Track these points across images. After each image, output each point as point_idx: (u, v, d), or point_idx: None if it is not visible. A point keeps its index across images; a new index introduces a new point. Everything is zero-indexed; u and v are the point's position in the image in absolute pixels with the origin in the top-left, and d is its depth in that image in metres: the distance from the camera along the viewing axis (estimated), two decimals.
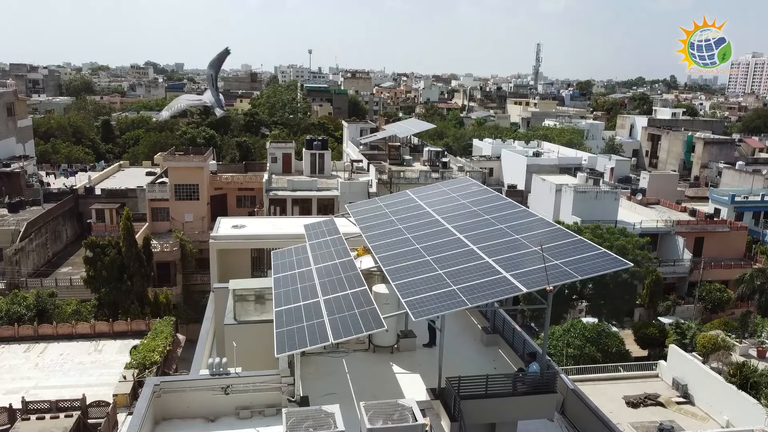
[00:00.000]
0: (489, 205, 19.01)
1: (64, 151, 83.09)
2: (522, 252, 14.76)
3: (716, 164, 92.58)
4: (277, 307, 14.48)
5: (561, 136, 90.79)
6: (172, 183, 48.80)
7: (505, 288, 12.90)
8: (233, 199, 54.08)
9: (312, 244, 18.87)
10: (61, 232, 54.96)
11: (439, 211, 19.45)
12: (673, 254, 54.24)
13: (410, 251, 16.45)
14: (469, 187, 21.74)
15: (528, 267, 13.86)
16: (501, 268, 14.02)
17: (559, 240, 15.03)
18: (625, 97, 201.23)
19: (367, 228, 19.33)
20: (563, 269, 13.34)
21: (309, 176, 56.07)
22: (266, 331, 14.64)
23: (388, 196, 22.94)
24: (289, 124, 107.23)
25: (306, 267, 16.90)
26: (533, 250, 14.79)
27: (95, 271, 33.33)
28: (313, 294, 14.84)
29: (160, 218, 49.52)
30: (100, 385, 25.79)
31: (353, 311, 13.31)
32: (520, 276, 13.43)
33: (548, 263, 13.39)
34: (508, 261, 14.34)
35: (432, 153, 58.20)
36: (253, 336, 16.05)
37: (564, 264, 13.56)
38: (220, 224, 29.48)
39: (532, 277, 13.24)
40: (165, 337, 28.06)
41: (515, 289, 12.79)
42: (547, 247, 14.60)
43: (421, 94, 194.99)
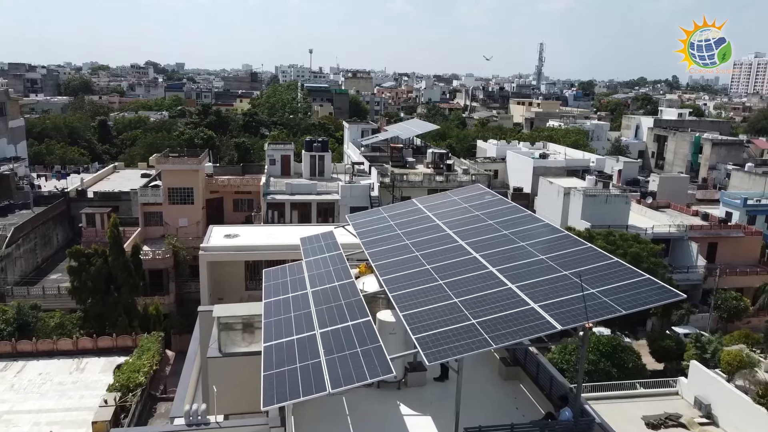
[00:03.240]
0: (506, 218, 17.01)
1: (59, 152, 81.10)
2: (551, 276, 12.76)
3: (724, 166, 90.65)
4: (267, 341, 12.49)
5: (566, 137, 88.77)
6: (166, 186, 46.80)
7: (536, 324, 10.89)
8: (230, 202, 52.09)
9: (309, 262, 16.88)
10: (52, 236, 53.00)
11: (450, 224, 17.45)
12: (686, 260, 52.21)
13: (419, 272, 14.47)
14: (483, 197, 19.75)
15: (560, 296, 11.86)
16: (527, 297, 12.02)
17: (594, 262, 13.03)
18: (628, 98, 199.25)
19: (370, 243, 17.34)
20: (602, 300, 11.34)
21: (308, 179, 54.10)
22: (255, 364, 12.69)
23: (393, 206, 20.95)
24: (289, 125, 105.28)
25: (301, 290, 14.91)
26: (563, 274, 12.80)
27: (80, 281, 31.34)
28: (309, 325, 12.85)
29: (153, 223, 47.52)
30: (79, 409, 23.81)
31: (355, 350, 11.32)
32: (551, 308, 11.43)
33: (585, 294, 11.40)
34: (536, 288, 12.34)
35: (436, 155, 56.22)
36: (240, 370, 14.09)
37: (603, 293, 11.56)
38: (211, 234, 27.54)
39: (566, 310, 11.23)
40: (152, 355, 26.05)
41: (547, 326, 10.79)
42: (580, 270, 12.61)
43: (422, 94, 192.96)
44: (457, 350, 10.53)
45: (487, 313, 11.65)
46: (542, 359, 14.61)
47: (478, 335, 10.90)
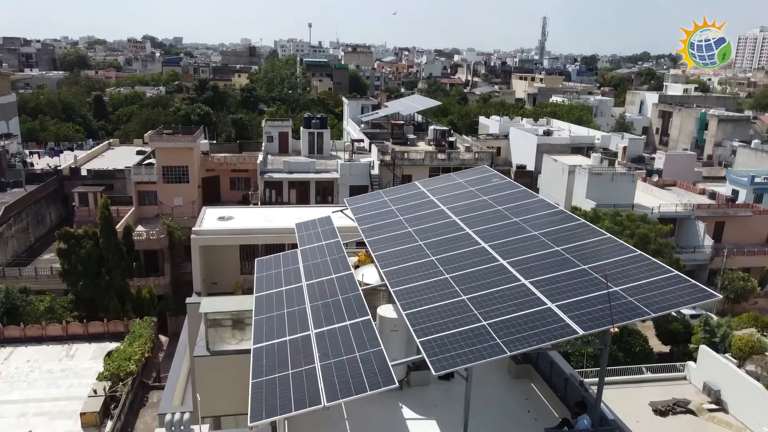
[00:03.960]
0: (516, 204, 15.84)
1: (53, 128, 79.54)
2: (568, 271, 11.63)
3: (730, 143, 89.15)
4: (257, 342, 11.42)
5: (570, 114, 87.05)
6: (160, 165, 45.54)
7: (554, 328, 9.80)
8: (226, 181, 50.89)
9: (304, 251, 15.75)
10: (45, 215, 51.92)
11: (456, 210, 16.28)
12: (692, 240, 51.18)
13: (423, 264, 13.35)
14: (490, 179, 18.55)
15: (579, 294, 10.74)
16: (543, 294, 10.91)
17: (615, 255, 11.89)
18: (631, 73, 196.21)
19: (369, 230, 16.20)
20: (627, 300, 10.23)
21: (307, 157, 52.79)
22: (246, 363, 11.65)
23: (395, 189, 19.76)
24: (288, 100, 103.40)
25: (296, 283, 13.80)
26: (581, 268, 11.68)
27: (70, 264, 30.28)
28: (303, 324, 11.77)
29: (147, 202, 46.38)
30: (68, 399, 22.94)
31: (353, 355, 10.25)
32: (570, 308, 10.32)
33: (609, 291, 10.30)
34: (552, 284, 11.22)
35: (437, 132, 54.79)
36: (230, 369, 13.07)
37: (627, 292, 10.44)
38: (204, 216, 26.29)
39: (587, 312, 10.12)
40: (143, 342, 25.14)
41: (567, 330, 9.70)
42: (601, 265, 11.51)
43: (423, 69, 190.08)
44: (467, 358, 9.45)
45: (499, 314, 10.55)
46: (556, 357, 13.56)
47: (490, 340, 9.81)
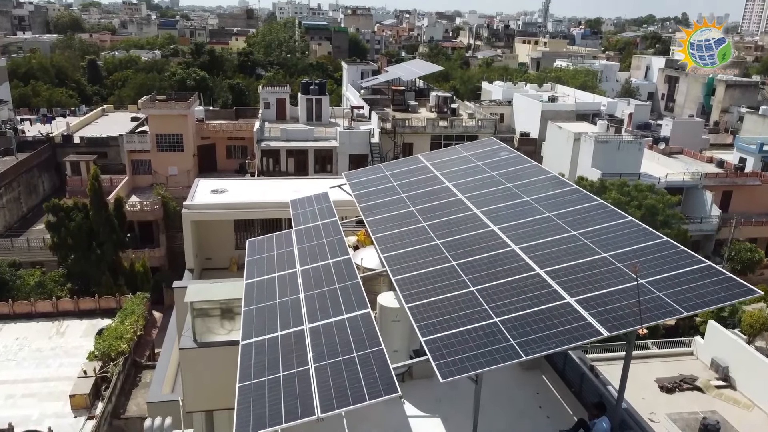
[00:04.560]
0: (527, 182, 14.72)
1: (45, 94, 77.68)
2: (588, 259, 10.58)
3: (738, 109, 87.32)
4: (246, 338, 10.43)
5: (575, 79, 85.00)
6: (153, 133, 44.17)
7: (574, 328, 8.78)
8: (222, 149, 49.53)
9: (299, 232, 14.69)
10: (37, 184, 50.74)
11: (463, 187, 15.16)
12: (699, 210, 50.10)
13: (428, 249, 12.30)
14: (497, 153, 17.37)
15: (601, 287, 9.71)
16: (561, 287, 9.88)
17: (639, 241, 10.82)
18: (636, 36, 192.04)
19: (369, 209, 15.11)
20: (655, 296, 9.20)
21: (305, 124, 51.38)
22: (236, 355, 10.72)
23: (396, 163, 18.59)
24: (286, 65, 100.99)
25: (290, 268, 12.77)
26: (602, 257, 10.62)
27: (59, 238, 29.28)
28: (297, 317, 10.76)
29: (141, 171, 45.15)
30: (58, 379, 22.21)
31: (351, 355, 9.27)
32: (592, 304, 9.30)
33: (635, 285, 9.26)
34: (570, 275, 10.18)
35: (440, 98, 53.22)
36: (219, 362, 12.12)
37: (656, 285, 9.41)
38: (196, 189, 25.20)
39: (611, 308, 9.11)
40: (136, 319, 24.30)
41: (590, 331, 8.69)
42: (624, 252, 10.46)
43: (424, 33, 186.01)
44: (478, 362, 8.46)
45: (513, 309, 9.54)
46: (571, 352, 12.62)
47: (503, 340, 8.81)
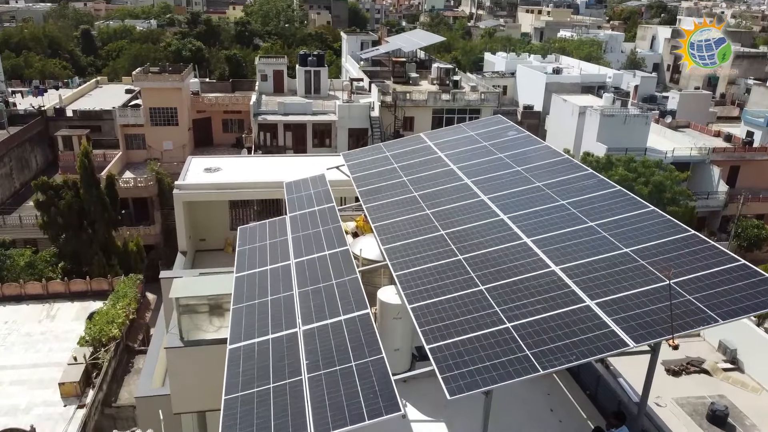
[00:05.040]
0: (538, 165, 13.74)
1: (38, 65, 75.95)
2: (608, 255, 9.67)
3: (745, 80, 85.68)
4: (234, 342, 9.57)
5: (579, 50, 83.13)
6: (147, 107, 42.93)
7: (597, 337, 7.90)
8: (218, 123, 48.30)
9: (294, 218, 13.75)
10: (30, 159, 49.60)
11: (468, 170, 14.18)
12: (706, 186, 49.11)
13: (431, 241, 11.39)
14: (505, 132, 16.34)
15: (624, 288, 8.82)
16: (579, 287, 8.99)
17: (663, 235, 9.91)
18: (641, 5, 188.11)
19: (369, 193, 14.16)
20: (685, 299, 8.31)
21: (303, 97, 50.03)
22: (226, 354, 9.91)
23: (398, 143, 17.56)
24: (284, 35, 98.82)
25: (283, 260, 11.87)
26: (623, 251, 9.71)
27: (49, 217, 28.37)
28: (290, 317, 9.89)
29: (135, 146, 44.04)
30: (47, 365, 21.47)
31: (349, 364, 8.41)
32: (613, 308, 8.41)
33: (664, 288, 8.38)
34: (589, 273, 9.28)
35: (441, 71, 51.74)
36: (207, 362, 11.31)
37: (685, 288, 8.51)
38: (189, 167, 24.22)
39: (637, 314, 8.22)
40: (128, 302, 23.49)
41: (614, 341, 7.81)
42: (647, 248, 9.54)
43: (425, 1, 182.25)
44: (490, 376, 7.59)
45: (527, 312, 8.66)
46: None
47: (517, 350, 7.94)
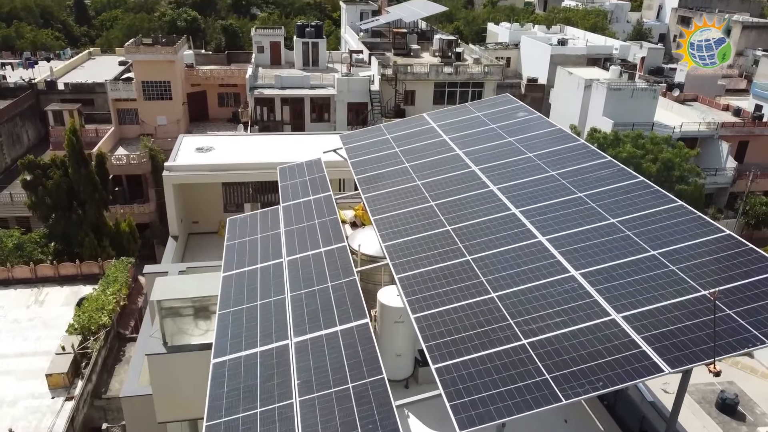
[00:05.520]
0: (551, 150, 12.69)
1: (29, 35, 74.02)
2: (633, 258, 8.70)
3: (753, 52, 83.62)
4: (218, 356, 8.64)
5: (585, 20, 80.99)
6: (139, 80, 41.53)
7: (626, 359, 6.96)
8: (214, 97, 46.92)
9: (287, 209, 12.75)
10: (21, 134, 48.36)
11: (476, 156, 13.14)
12: (714, 162, 47.89)
13: (437, 237, 10.42)
14: (514, 114, 15.24)
15: (655, 299, 7.86)
16: (603, 297, 8.03)
17: (695, 236, 8.92)
18: None
19: (368, 181, 13.14)
20: (727, 315, 7.36)
21: (301, 69, 48.52)
22: None
23: (400, 124, 16.45)
24: (282, 4, 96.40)
25: (275, 258, 10.90)
26: (650, 254, 8.74)
27: (37, 197, 27.37)
28: (281, 326, 8.96)
29: (128, 121, 42.75)
30: (35, 354, 20.71)
31: (345, 387, 7.50)
32: (644, 323, 7.46)
33: (698, 297, 7.42)
34: (614, 280, 8.32)
35: (444, 42, 50.12)
36: (193, 368, 10.43)
37: (725, 300, 7.55)
38: (180, 146, 23.15)
39: (669, 331, 7.27)
40: (119, 287, 22.64)
41: (647, 365, 6.88)
42: (678, 249, 8.58)
43: None
44: (505, 406, 6.66)
45: (545, 327, 7.71)
46: None
47: (535, 373, 7.01)
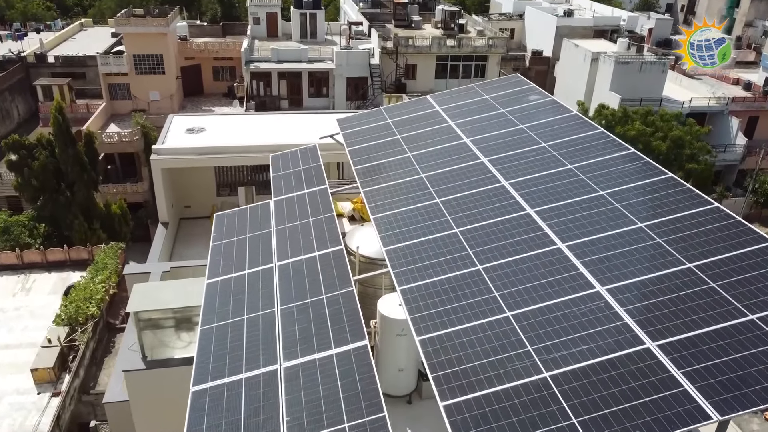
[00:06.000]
0: (568, 140, 11.59)
1: (20, 5, 71.92)
2: (669, 272, 7.69)
3: (762, 22, 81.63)
4: (198, 383, 7.69)
5: None
6: (130, 53, 40.03)
7: (665, 400, 6.01)
8: (209, 71, 45.41)
9: (279, 204, 11.70)
10: (11, 109, 46.98)
11: (485, 145, 12.04)
12: (724, 138, 46.67)
13: (443, 241, 9.41)
14: (526, 97, 14.09)
15: (695, 324, 6.87)
16: (634, 320, 7.05)
17: (734, 247, 7.90)
18: None
19: (368, 173, 12.08)
20: None
21: (299, 42, 46.97)
22: None
23: (401, 107, 15.29)
24: None
25: (265, 263, 9.89)
26: (686, 267, 7.72)
27: (23, 179, 26.29)
28: (269, 347, 7.99)
29: (120, 97, 41.36)
30: (21, 346, 19.86)
31: (341, 427, 6.55)
32: (685, 355, 6.49)
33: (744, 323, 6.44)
34: (646, 297, 7.32)
35: (446, 13, 48.47)
36: (176, 384, 9.50)
37: None
38: (170, 127, 21.97)
39: (714, 366, 6.30)
40: (108, 275, 21.69)
41: (691, 408, 5.92)
42: (719, 261, 7.58)
43: None
44: None
45: (568, 357, 6.74)
46: None
47: (560, 416, 6.06)
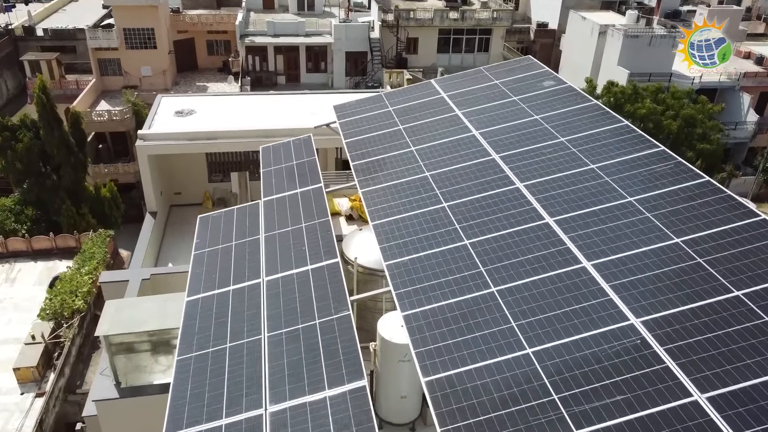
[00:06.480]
0: (587, 135, 10.47)
1: None
2: (713, 302, 6.66)
3: None
4: (172, 429, 6.73)
5: None
6: (120, 27, 38.47)
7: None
8: (202, 45, 43.81)
9: (269, 205, 10.62)
10: None
11: (495, 139, 10.93)
12: (734, 115, 45.32)
13: (452, 254, 8.39)
14: (539, 83, 12.92)
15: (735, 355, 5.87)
16: (665, 350, 6.06)
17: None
18: None
19: (367, 170, 10.98)
20: None
21: (296, 14, 45.32)
22: None
23: (403, 92, 14.08)
24: None
25: (251, 278, 8.85)
26: (719, 283, 6.70)
27: (7, 162, 25.13)
28: (254, 386, 6.99)
29: (110, 72, 39.88)
30: (5, 342, 18.90)
31: None
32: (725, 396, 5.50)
33: None
34: (678, 320, 6.31)
35: None
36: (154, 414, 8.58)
37: None
38: (157, 110, 20.75)
39: (746, 399, 5.32)
40: (95, 265, 20.70)
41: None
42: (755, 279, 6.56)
43: None
44: None
45: (594, 392, 5.76)
46: None
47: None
